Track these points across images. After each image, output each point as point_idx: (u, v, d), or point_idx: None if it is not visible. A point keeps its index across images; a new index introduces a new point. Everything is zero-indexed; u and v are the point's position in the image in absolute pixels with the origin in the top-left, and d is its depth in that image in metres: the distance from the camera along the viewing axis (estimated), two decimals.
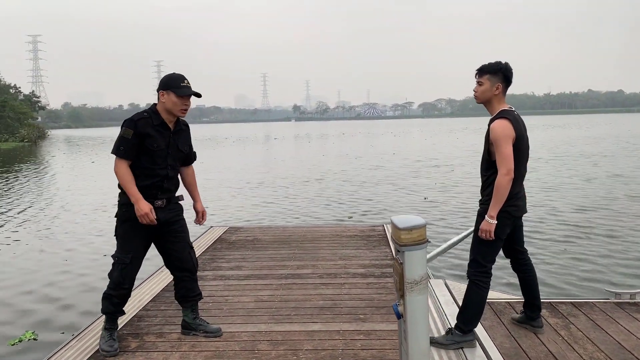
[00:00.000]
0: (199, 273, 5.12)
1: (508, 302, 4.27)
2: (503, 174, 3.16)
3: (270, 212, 11.98)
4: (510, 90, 3.59)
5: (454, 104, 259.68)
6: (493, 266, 3.50)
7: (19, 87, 74.60)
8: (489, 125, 3.32)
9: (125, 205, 3.44)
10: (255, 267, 5.44)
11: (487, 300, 4.26)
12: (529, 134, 3.46)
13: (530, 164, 3.61)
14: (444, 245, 4.03)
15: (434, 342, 3.45)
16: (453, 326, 3.52)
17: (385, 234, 6.81)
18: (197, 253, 5.95)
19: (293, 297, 4.52)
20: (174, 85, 3.40)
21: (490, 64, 3.34)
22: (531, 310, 3.71)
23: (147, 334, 3.81)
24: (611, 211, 10.65)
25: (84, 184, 18.09)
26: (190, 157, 3.78)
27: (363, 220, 10.48)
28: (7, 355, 4.74)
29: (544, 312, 4.02)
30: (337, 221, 10.57)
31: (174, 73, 3.51)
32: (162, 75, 3.68)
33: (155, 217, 3.43)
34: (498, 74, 3.31)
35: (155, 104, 3.50)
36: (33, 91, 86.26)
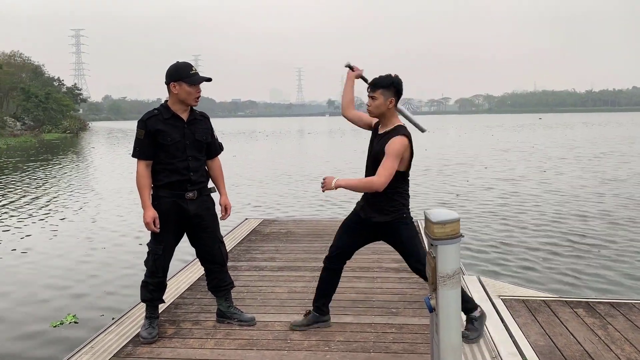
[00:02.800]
0: (234, 263, 5.25)
1: (544, 300, 4.21)
2: (380, 183, 3.24)
3: (303, 204, 12.06)
4: (551, 87, 3.61)
5: (491, 100, 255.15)
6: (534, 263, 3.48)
7: (62, 80, 76.81)
8: (381, 134, 3.42)
9: (157, 198, 3.52)
10: (289, 259, 5.50)
11: (522, 298, 4.24)
12: (567, 130, 3.45)
13: (554, 165, 3.57)
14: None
15: (468, 340, 3.45)
16: (467, 319, 3.52)
17: (420, 228, 6.77)
18: (233, 244, 6.08)
19: None
20: (184, 75, 3.40)
21: (382, 78, 3.38)
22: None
23: (183, 321, 3.91)
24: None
25: (122, 175, 18.54)
26: (215, 148, 3.75)
27: None
28: (49, 336, 4.94)
29: (580, 311, 3.96)
30: None
31: (178, 62, 3.49)
32: (201, 68, 3.72)
33: (188, 209, 3.51)
34: (390, 88, 3.37)
35: (166, 101, 3.54)
36: (75, 84, 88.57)
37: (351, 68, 3.76)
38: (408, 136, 3.35)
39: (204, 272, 4.95)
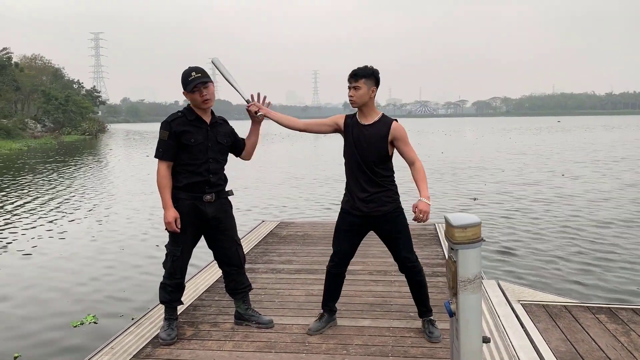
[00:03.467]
0: (251, 265, 5.26)
1: (564, 305, 4.16)
2: (421, 161, 3.51)
3: (319, 207, 12.05)
4: (570, 89, 3.64)
5: (509, 102, 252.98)
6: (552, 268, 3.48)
7: (82, 83, 77.91)
8: (372, 125, 3.48)
9: (175, 200, 3.55)
10: (306, 262, 5.50)
11: (542, 303, 4.19)
12: (586, 133, 3.47)
13: (571, 168, 3.53)
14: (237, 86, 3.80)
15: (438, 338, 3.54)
16: (430, 318, 3.67)
17: (437, 232, 6.74)
18: (250, 246, 6.10)
19: (343, 292, 4.46)
20: (185, 83, 3.47)
21: (363, 69, 3.42)
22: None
23: (202, 323, 3.93)
24: None
25: (139, 177, 18.71)
26: (239, 144, 3.83)
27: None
28: (69, 336, 5.00)
29: (602, 317, 3.90)
30: None
31: (184, 70, 3.53)
32: (217, 72, 3.76)
33: (206, 211, 3.54)
34: (371, 77, 3.42)
35: (189, 104, 3.59)
36: (94, 86, 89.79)
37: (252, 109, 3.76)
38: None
39: (221, 274, 5.05)
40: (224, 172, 3.70)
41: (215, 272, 5.14)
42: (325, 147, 35.55)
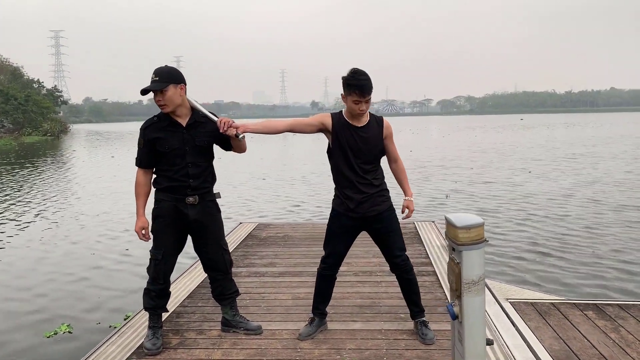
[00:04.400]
0: (233, 269, 5.09)
1: (552, 302, 4.18)
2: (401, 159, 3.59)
3: (292, 208, 11.95)
4: (531, 88, 3.66)
5: (473, 101, 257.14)
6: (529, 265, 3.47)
7: (42, 82, 75.54)
8: (368, 127, 3.42)
9: (157, 201, 3.44)
10: (289, 264, 5.40)
11: (531, 301, 4.20)
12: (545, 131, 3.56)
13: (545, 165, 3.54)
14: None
15: (432, 340, 3.49)
16: (423, 319, 3.63)
17: (417, 231, 6.73)
18: (230, 249, 5.93)
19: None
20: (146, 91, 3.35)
21: (369, 81, 3.31)
22: None
23: (187, 331, 3.79)
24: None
25: (106, 179, 18.24)
26: (227, 140, 3.51)
27: None
28: (45, 348, 4.77)
29: (590, 313, 3.93)
30: None
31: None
32: (182, 70, 3.59)
33: (187, 214, 3.40)
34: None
35: None
36: (55, 86, 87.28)
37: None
38: None
39: (202, 279, 4.92)
40: (211, 173, 3.55)
41: (196, 277, 5.00)
42: (294, 146, 35.43)
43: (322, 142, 3.57)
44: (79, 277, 6.97)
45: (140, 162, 3.41)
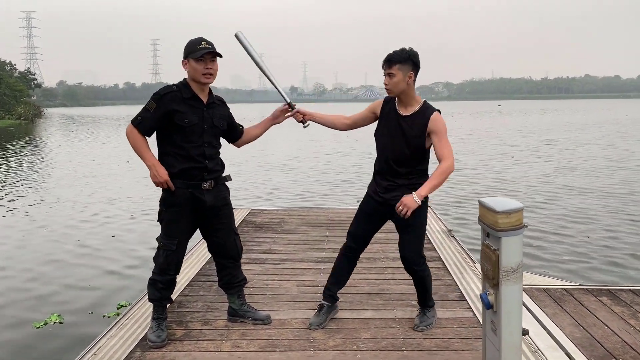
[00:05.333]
0: None
1: (565, 288, 4.09)
2: (451, 163, 3.12)
3: (261, 193, 11.77)
4: (508, 74, 3.50)
5: (450, 87, 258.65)
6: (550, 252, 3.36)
7: (14, 64, 73.48)
8: (413, 117, 3.19)
9: (170, 189, 3.21)
10: (289, 251, 5.24)
11: (543, 287, 4.11)
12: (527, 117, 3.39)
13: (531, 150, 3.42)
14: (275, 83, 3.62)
15: (419, 326, 3.40)
16: (422, 308, 3.52)
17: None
18: None
19: None
20: (191, 50, 3.12)
21: (398, 52, 3.15)
22: None
23: (191, 321, 3.61)
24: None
25: (85, 164, 17.79)
26: (236, 131, 3.52)
27: None
28: (35, 339, 4.54)
29: (605, 299, 3.86)
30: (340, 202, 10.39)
31: (192, 39, 3.20)
32: (158, 54, 3.38)
33: (204, 200, 3.22)
34: (407, 61, 3.14)
35: (185, 78, 3.25)
36: (28, 68, 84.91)
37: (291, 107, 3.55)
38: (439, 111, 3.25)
39: (201, 267, 4.74)
40: (221, 158, 3.37)
41: (195, 264, 4.81)
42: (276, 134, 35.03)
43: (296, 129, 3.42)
44: (64, 264, 6.71)
45: (140, 124, 3.10)
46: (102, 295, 5.62)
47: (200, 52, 3.09)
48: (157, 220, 3.32)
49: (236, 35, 3.42)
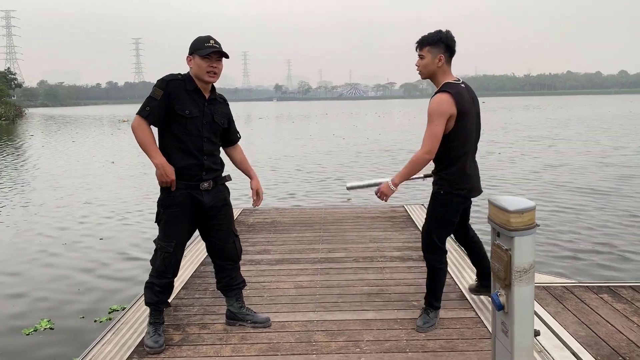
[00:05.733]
0: None
1: (564, 286, 4.07)
2: (425, 152, 3.06)
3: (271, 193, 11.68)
4: (491, 71, 3.45)
5: None
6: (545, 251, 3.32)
7: None
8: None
9: (168, 190, 3.13)
10: (284, 251, 5.16)
11: (543, 285, 4.08)
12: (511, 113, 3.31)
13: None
14: (369, 182, 3.56)
15: (422, 327, 3.34)
16: (425, 307, 3.45)
17: (409, 214, 6.57)
18: None
19: (334, 282, 4.27)
20: (198, 46, 3.08)
21: (430, 35, 3.14)
22: (484, 279, 3.60)
23: (188, 325, 3.52)
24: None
25: (70, 165, 17.52)
26: (234, 133, 3.45)
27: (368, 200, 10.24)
28: (27, 346, 4.39)
29: (605, 296, 3.84)
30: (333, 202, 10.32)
31: (200, 35, 3.16)
32: (141, 53, 3.33)
33: (203, 201, 3.15)
34: (438, 44, 3.11)
35: (189, 72, 3.18)
36: (8, 68, 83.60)
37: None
38: (451, 92, 3.04)
39: (195, 269, 4.65)
40: (220, 157, 3.30)
41: (189, 266, 4.71)
42: (261, 130, 34.94)
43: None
44: (52, 268, 6.54)
45: (149, 114, 2.99)
46: (93, 299, 5.49)
47: (207, 50, 3.06)
48: (155, 222, 3.23)
49: (350, 189, 3.45)
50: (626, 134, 24.50)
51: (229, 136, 3.42)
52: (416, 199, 9.87)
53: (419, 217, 6.39)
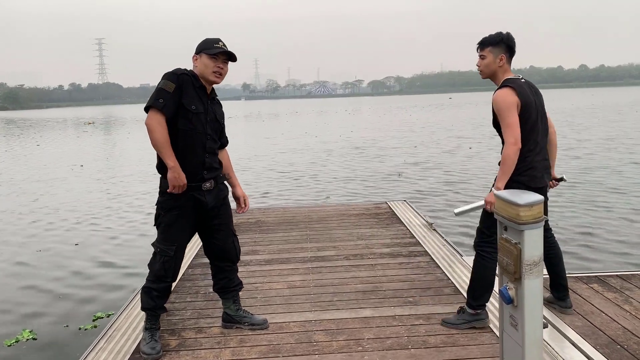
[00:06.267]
0: None
1: None
2: (510, 144, 2.99)
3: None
4: (456, 67, 3.45)
5: (402, 81, 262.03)
6: None
7: None
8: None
9: (167, 192, 3.05)
10: (273, 251, 5.10)
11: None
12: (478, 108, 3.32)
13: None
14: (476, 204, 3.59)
15: (445, 322, 3.33)
16: (465, 304, 3.36)
17: (393, 211, 6.59)
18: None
19: (328, 281, 4.24)
20: (207, 46, 3.06)
21: (491, 36, 3.19)
22: (558, 290, 3.54)
23: (184, 330, 3.44)
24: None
25: (37, 169, 17.04)
26: (223, 137, 3.37)
27: (342, 198, 10.25)
28: (10, 359, 4.24)
29: (595, 286, 3.91)
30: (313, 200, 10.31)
31: (208, 37, 3.15)
32: (104, 53, 3.25)
33: (205, 201, 3.09)
34: (500, 44, 3.16)
35: (191, 70, 3.12)
36: None
37: None
38: (511, 85, 3.03)
39: (183, 271, 4.55)
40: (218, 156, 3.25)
41: None
42: (233, 131, 34.63)
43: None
44: (27, 275, 6.34)
45: (167, 107, 2.89)
46: (74, 306, 5.34)
47: (215, 50, 3.05)
48: (154, 225, 3.15)
49: (458, 214, 3.30)
50: (587, 127, 25.13)
51: (220, 138, 3.35)
52: (397, 196, 9.93)
53: (403, 213, 6.42)
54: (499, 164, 3.08)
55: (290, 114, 56.93)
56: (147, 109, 2.94)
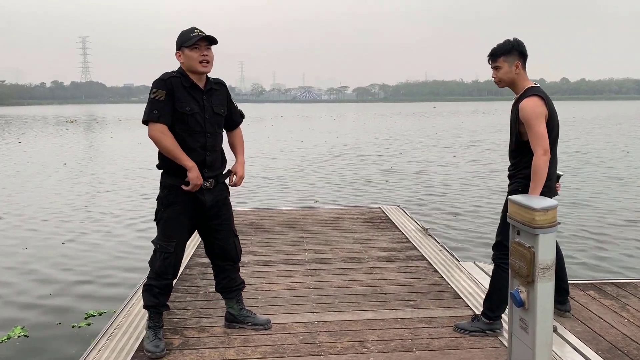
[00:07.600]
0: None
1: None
2: (540, 155, 2.93)
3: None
4: (440, 77, 3.48)
5: (387, 89, 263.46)
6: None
7: None
8: (514, 104, 3.15)
9: (169, 187, 3.06)
10: (270, 253, 5.10)
11: None
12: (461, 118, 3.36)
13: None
14: None
15: (458, 328, 3.34)
16: (480, 312, 3.37)
17: (387, 215, 6.62)
18: (198, 238, 5.55)
19: (327, 283, 4.25)
20: (185, 39, 3.02)
21: (500, 46, 3.19)
22: (559, 294, 3.59)
23: (186, 329, 3.42)
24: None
25: (20, 167, 16.78)
26: (236, 117, 3.35)
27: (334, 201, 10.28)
28: (2, 357, 4.16)
29: (592, 293, 3.98)
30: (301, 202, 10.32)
31: (183, 30, 3.08)
32: (89, 52, 3.23)
33: (204, 200, 3.09)
34: (512, 52, 3.16)
35: (180, 68, 3.09)
36: None
37: None
38: (540, 95, 3.03)
39: (181, 270, 4.51)
40: (222, 151, 3.23)
41: None
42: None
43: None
44: (15, 272, 6.24)
45: (163, 117, 2.91)
46: (65, 304, 5.26)
47: (194, 39, 2.99)
48: (154, 220, 3.14)
49: None
50: (571, 138, 25.53)
51: (230, 121, 3.32)
52: (385, 201, 9.98)
53: (398, 218, 6.46)
54: (510, 175, 3.07)
55: (276, 118, 56.86)
56: (145, 123, 2.96)
